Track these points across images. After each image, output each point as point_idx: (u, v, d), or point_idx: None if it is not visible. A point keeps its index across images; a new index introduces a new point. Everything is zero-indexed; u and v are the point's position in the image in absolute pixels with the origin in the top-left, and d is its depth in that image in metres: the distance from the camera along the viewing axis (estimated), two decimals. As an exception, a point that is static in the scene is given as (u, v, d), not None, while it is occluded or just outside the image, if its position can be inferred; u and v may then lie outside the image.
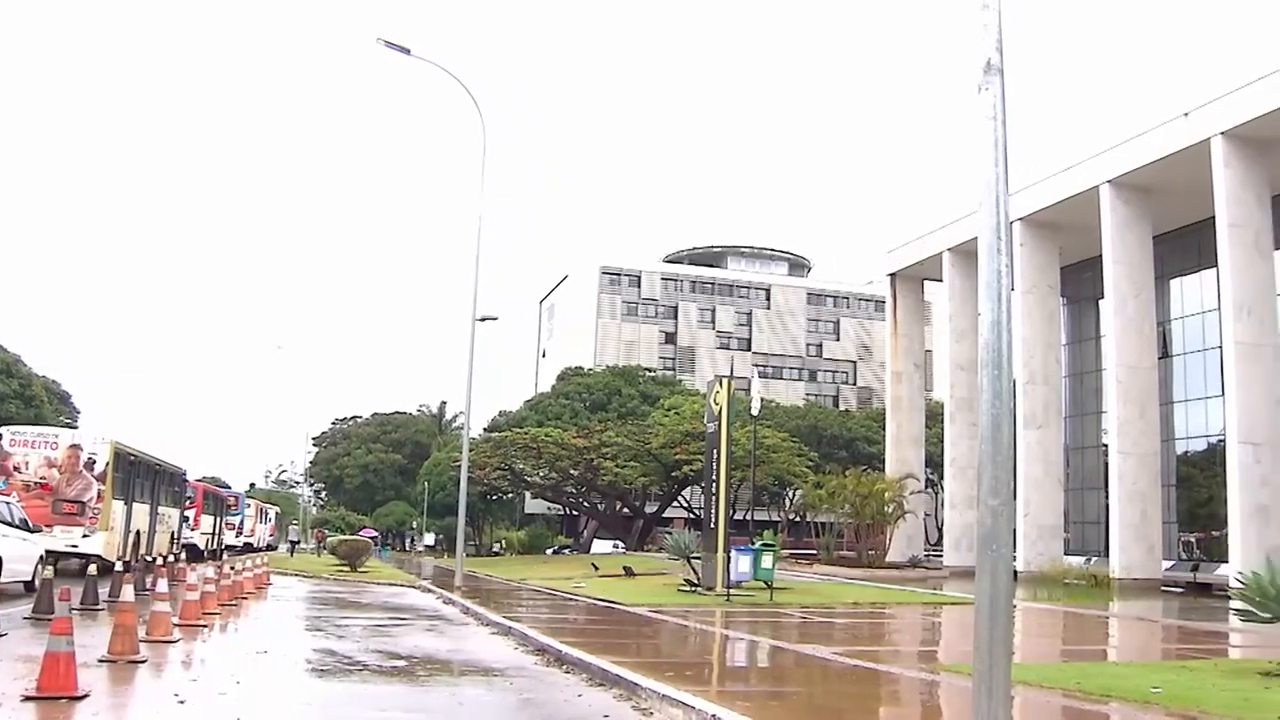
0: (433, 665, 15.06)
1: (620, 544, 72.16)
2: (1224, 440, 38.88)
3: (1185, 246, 46.38)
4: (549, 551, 78.14)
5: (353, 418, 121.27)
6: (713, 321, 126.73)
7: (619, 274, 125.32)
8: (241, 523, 61.66)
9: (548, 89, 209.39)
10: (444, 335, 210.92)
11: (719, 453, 31.75)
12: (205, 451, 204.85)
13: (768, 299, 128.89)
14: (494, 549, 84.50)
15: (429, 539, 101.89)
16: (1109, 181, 44.11)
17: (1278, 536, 36.83)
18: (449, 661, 15.92)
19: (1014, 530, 46.10)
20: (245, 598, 25.56)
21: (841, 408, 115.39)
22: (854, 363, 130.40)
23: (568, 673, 14.41)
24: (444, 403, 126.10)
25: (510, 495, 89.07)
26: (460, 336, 41.21)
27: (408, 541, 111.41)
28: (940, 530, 62.97)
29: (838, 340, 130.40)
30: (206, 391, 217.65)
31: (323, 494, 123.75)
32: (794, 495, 76.14)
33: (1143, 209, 44.37)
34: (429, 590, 35.11)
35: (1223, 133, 38.79)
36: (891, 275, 62.02)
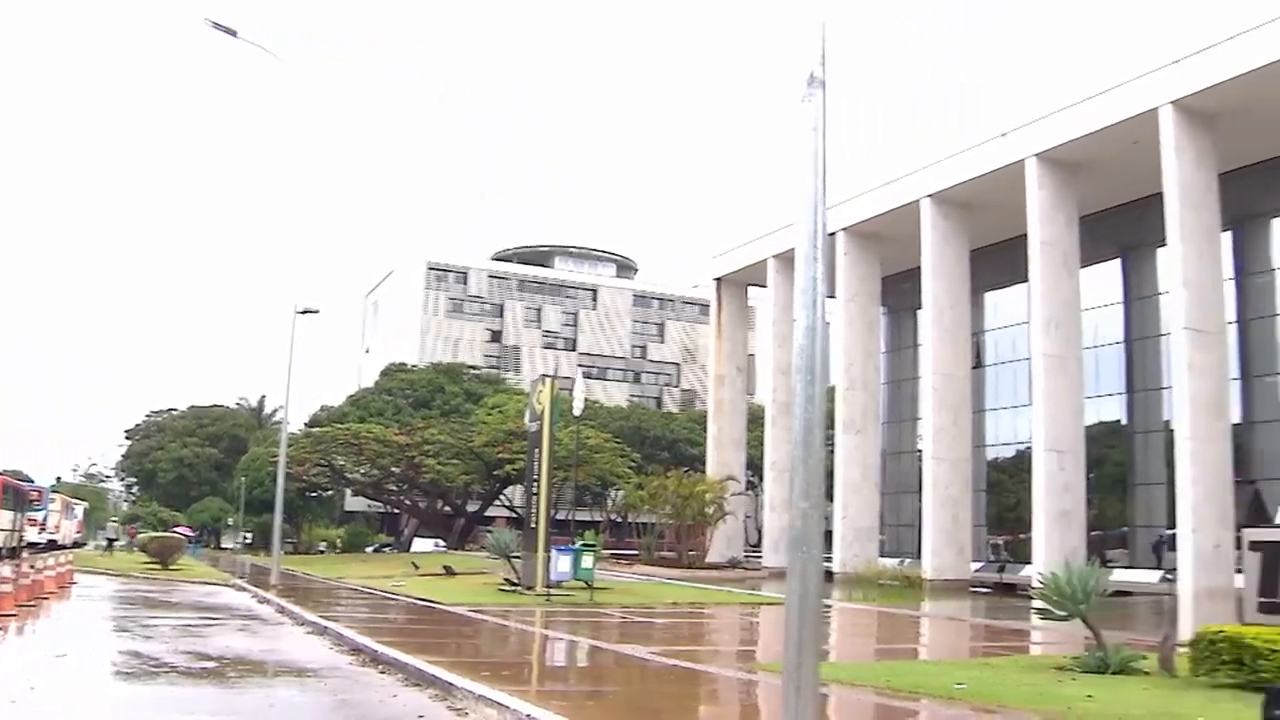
0: (244, 666, 14.78)
1: (441, 543, 71.58)
2: (1031, 447, 40.45)
3: (1000, 261, 48.09)
4: (369, 550, 76.99)
5: (168, 410, 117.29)
6: (539, 320, 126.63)
7: (446, 270, 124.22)
8: (45, 519, 59.23)
9: (390, 80, 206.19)
10: (265, 327, 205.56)
11: (541, 452, 31.80)
12: (6, 444, 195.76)
13: (594, 300, 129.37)
14: (320, 548, 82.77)
15: (245, 536, 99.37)
16: (930, 196, 45.55)
17: (1078, 539, 38.64)
18: (261, 662, 15.65)
19: (829, 532, 47.26)
20: (46, 598, 24.69)
21: (665, 409, 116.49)
22: (678, 365, 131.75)
23: (383, 673, 14.32)
24: (264, 396, 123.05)
25: (330, 492, 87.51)
26: (283, 329, 40.32)
27: (223, 539, 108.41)
28: (760, 532, 64.08)
29: (663, 343, 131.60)
30: (5, 381, 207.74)
31: (134, 489, 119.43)
32: (616, 496, 76.56)
33: (961, 224, 45.95)
34: (243, 589, 34.37)
35: (1037, 154, 40.46)
36: (717, 280, 62.76)
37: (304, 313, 38.53)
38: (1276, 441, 41.04)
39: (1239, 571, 15.51)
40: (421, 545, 72.57)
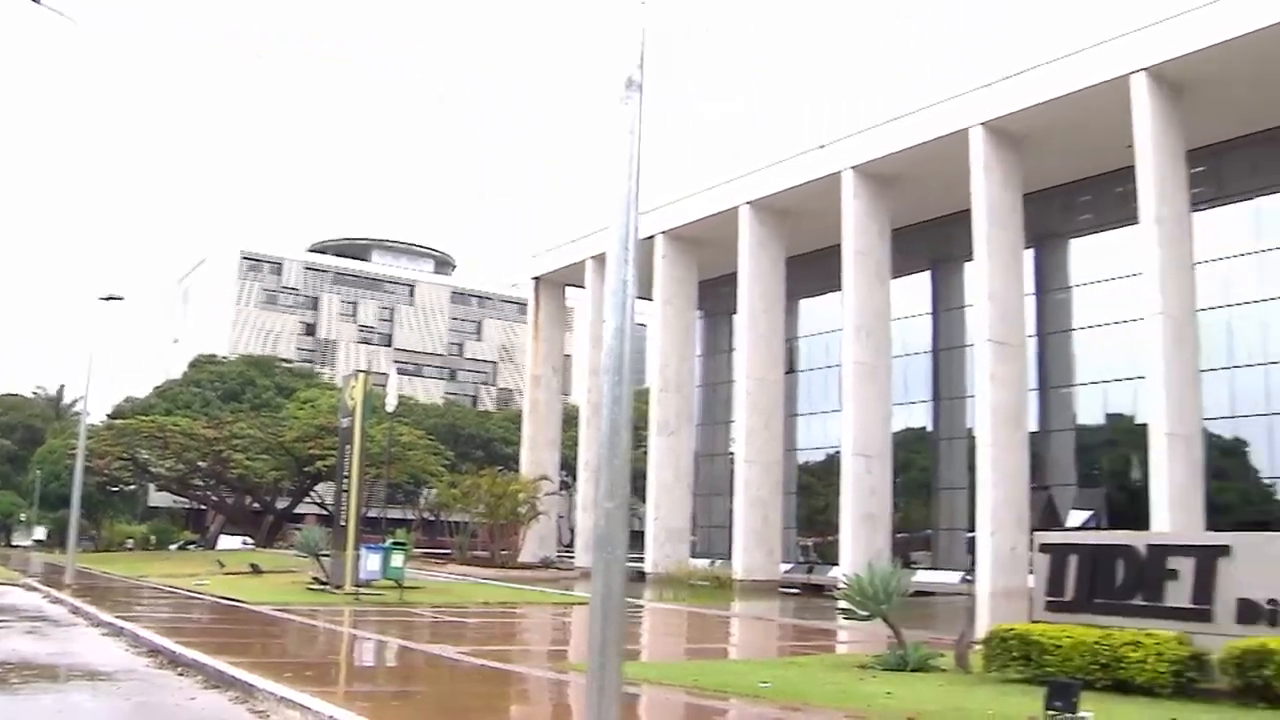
0: (30, 671, 14.14)
1: (249, 540, 69.69)
2: (840, 452, 41.49)
3: (815, 269, 49.17)
4: (173, 547, 74.58)
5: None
6: (355, 315, 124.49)
7: (260, 261, 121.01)
8: None
9: (215, 64, 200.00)
10: (68, 315, 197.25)
11: (353, 449, 31.36)
12: None
13: (412, 295, 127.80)
14: (128, 544, 79.71)
15: (40, 533, 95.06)
16: (749, 203, 46.33)
17: (884, 541, 39.84)
18: (51, 666, 15.06)
19: (640, 533, 47.60)
20: None
21: (481, 408, 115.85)
22: (495, 364, 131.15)
23: (182, 675, 13.92)
24: (63, 386, 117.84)
25: (133, 487, 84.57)
26: (87, 317, 38.80)
27: (15, 536, 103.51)
28: (573, 532, 64.23)
29: (480, 341, 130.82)
30: None
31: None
32: (429, 494, 75.84)
33: (778, 231, 46.86)
34: (35, 588, 33.01)
35: (854, 167, 41.59)
36: (535, 279, 62.64)
37: (108, 299, 37.12)
38: (1069, 450, 43.06)
39: (1033, 572, 16.20)
40: (228, 543, 70.46)
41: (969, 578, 38.10)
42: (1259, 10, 30.67)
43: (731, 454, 49.89)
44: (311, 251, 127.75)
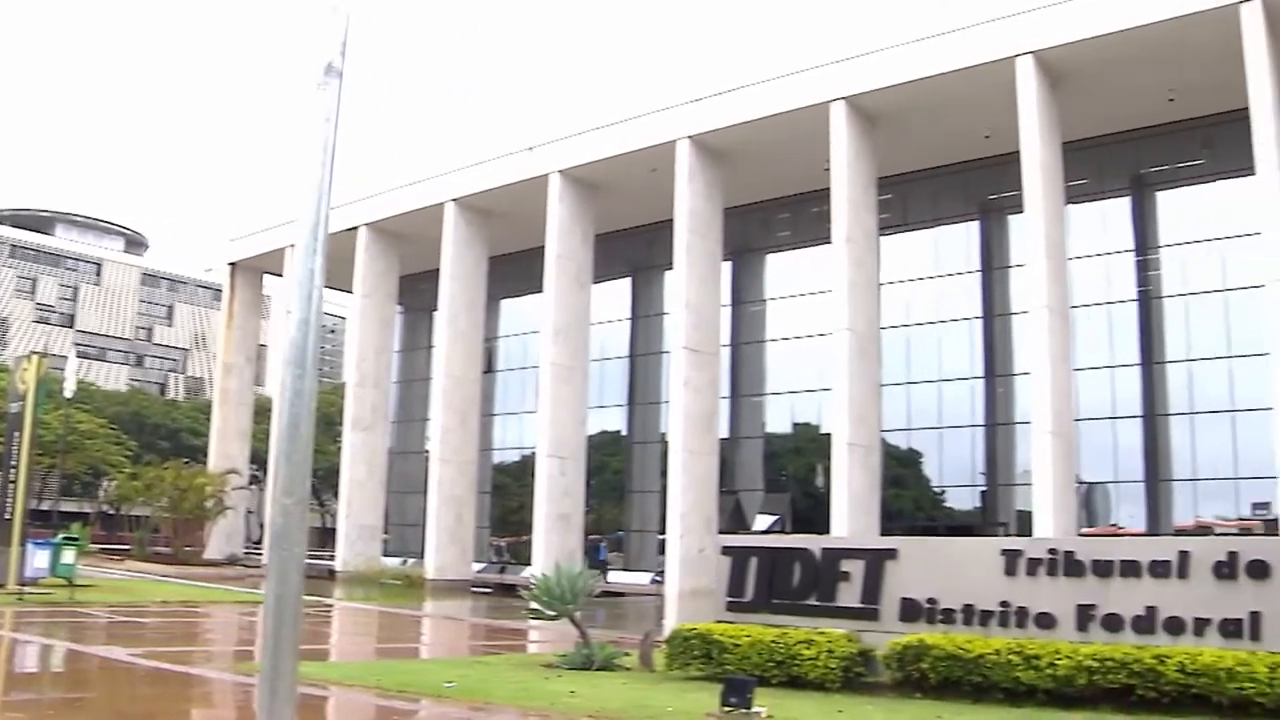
0: None
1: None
2: (536, 452, 41.74)
3: (518, 270, 49.31)
4: None
5: None
6: (33, 292, 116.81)
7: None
8: None
9: None
10: None
11: (22, 436, 29.44)
12: None
13: (98, 274, 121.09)
14: None
15: None
16: (455, 200, 45.96)
17: (576, 542, 40.32)
18: None
19: (333, 530, 46.61)
20: None
21: (170, 397, 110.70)
22: (186, 351, 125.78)
23: None
24: None
25: None
26: None
27: None
28: (263, 528, 62.15)
29: (171, 326, 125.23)
30: None
31: None
32: (109, 486, 72.00)
33: (483, 230, 46.71)
34: None
35: (560, 170, 41.91)
36: (232, 264, 60.26)
37: None
38: (757, 456, 44.74)
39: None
40: None
41: (659, 579, 38.99)
42: (939, 55, 33.18)
43: (427, 452, 49.46)
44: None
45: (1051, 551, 14.56)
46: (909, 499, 41.28)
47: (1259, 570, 13.30)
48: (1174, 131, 36.02)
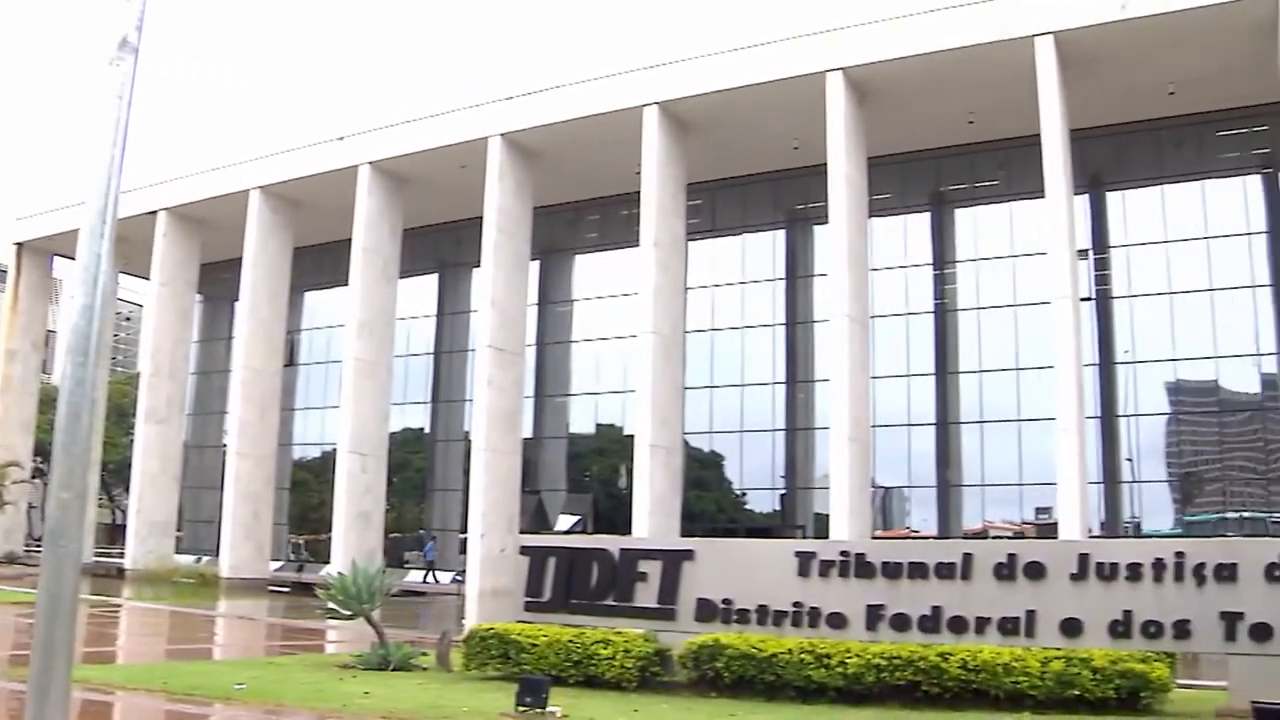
0: None
1: None
2: (337, 448, 40.96)
3: (323, 262, 48.35)
4: None
5: None
6: None
7: None
8: None
9: None
10: None
11: None
12: None
13: None
14: None
15: None
16: (261, 188, 44.69)
17: (377, 541, 39.70)
18: None
19: (123, 526, 44.90)
20: None
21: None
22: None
23: None
24: None
25: None
26: None
27: None
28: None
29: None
30: None
31: None
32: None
33: (289, 220, 45.58)
34: None
35: (371, 162, 41.15)
36: (18, 245, 57.38)
37: None
38: (560, 456, 44.81)
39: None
40: None
41: (460, 578, 38.72)
42: (752, 66, 33.88)
43: (225, 446, 48.03)
44: None
45: (843, 554, 15.00)
46: (711, 501, 41.92)
47: (1036, 571, 14.00)
48: (973, 152, 37.62)
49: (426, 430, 48.72)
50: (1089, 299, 35.22)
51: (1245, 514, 34.57)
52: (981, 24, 30.82)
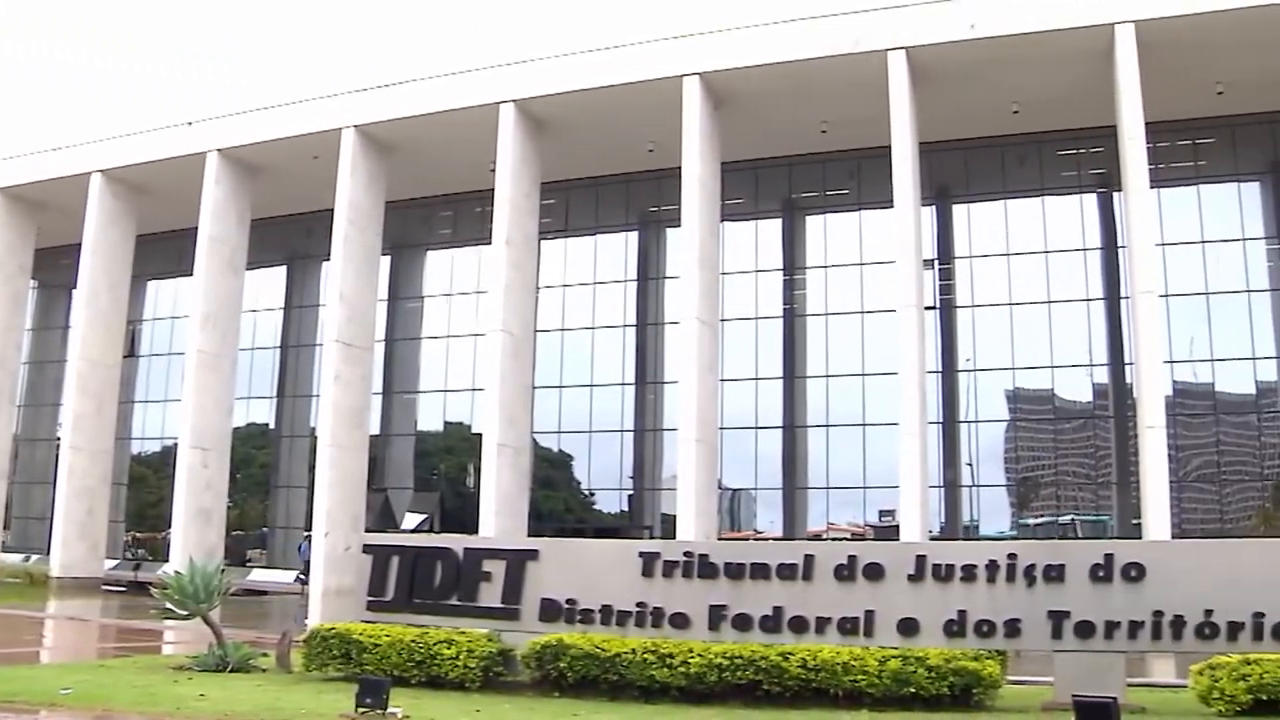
0: None
1: None
2: (177, 443, 39.89)
3: (167, 250, 47.01)
4: None
5: None
6: None
7: None
8: None
9: None
10: None
11: None
12: None
13: None
14: None
15: None
16: (103, 171, 43.19)
17: (218, 538, 38.82)
18: None
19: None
20: None
21: None
22: None
23: None
24: None
25: None
26: None
27: None
28: None
29: None
30: None
31: None
32: None
33: (132, 205, 44.16)
34: None
35: (220, 150, 40.12)
36: None
37: None
38: (408, 454, 44.36)
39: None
40: None
41: (303, 577, 38.09)
42: (610, 67, 34.21)
43: (58, 439, 46.38)
44: None
45: (687, 554, 15.15)
46: (559, 500, 41.97)
47: (875, 572, 14.35)
48: (825, 161, 38.45)
49: (272, 426, 47.74)
50: (933, 308, 36.24)
51: (1077, 517, 35.93)
52: (837, 37, 31.52)
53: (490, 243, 34.99)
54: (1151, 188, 29.76)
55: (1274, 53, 29.98)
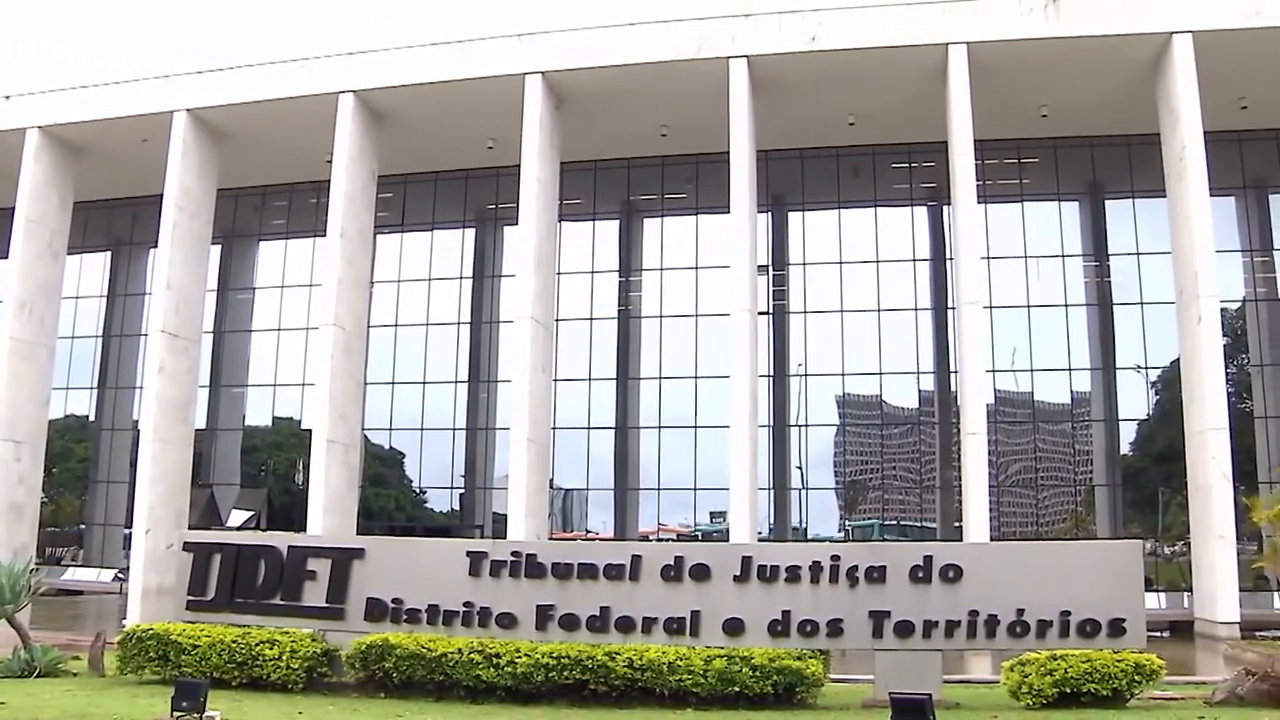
0: None
1: None
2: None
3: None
4: None
5: None
6: None
7: None
8: None
9: None
10: None
11: None
12: None
13: None
14: None
15: None
16: (-94, 148, 41.11)
17: (30, 535, 37.22)
18: None
19: None
20: None
21: None
22: None
23: None
24: None
25: None
26: None
27: None
28: None
29: None
30: None
31: None
32: None
33: (-60, 184, 42.17)
34: None
35: (40, 127, 38.38)
36: None
37: None
38: (235, 449, 43.30)
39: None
40: None
41: (122, 576, 36.90)
42: (448, 62, 33.85)
43: None
44: None
45: (515, 554, 15.16)
46: (390, 499, 41.48)
47: (701, 573, 14.58)
48: (664, 164, 38.79)
49: (92, 418, 46.04)
50: (766, 313, 36.87)
51: (902, 521, 36.98)
52: (681, 42, 31.82)
53: (325, 235, 34.38)
54: (979, 203, 30.92)
55: (1094, 79, 31.40)
